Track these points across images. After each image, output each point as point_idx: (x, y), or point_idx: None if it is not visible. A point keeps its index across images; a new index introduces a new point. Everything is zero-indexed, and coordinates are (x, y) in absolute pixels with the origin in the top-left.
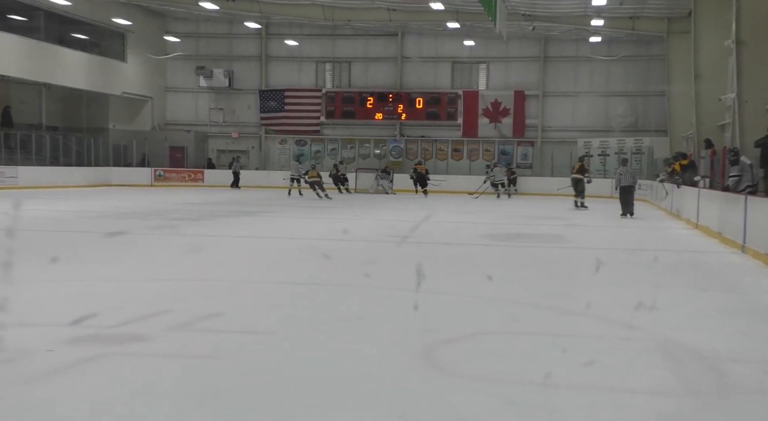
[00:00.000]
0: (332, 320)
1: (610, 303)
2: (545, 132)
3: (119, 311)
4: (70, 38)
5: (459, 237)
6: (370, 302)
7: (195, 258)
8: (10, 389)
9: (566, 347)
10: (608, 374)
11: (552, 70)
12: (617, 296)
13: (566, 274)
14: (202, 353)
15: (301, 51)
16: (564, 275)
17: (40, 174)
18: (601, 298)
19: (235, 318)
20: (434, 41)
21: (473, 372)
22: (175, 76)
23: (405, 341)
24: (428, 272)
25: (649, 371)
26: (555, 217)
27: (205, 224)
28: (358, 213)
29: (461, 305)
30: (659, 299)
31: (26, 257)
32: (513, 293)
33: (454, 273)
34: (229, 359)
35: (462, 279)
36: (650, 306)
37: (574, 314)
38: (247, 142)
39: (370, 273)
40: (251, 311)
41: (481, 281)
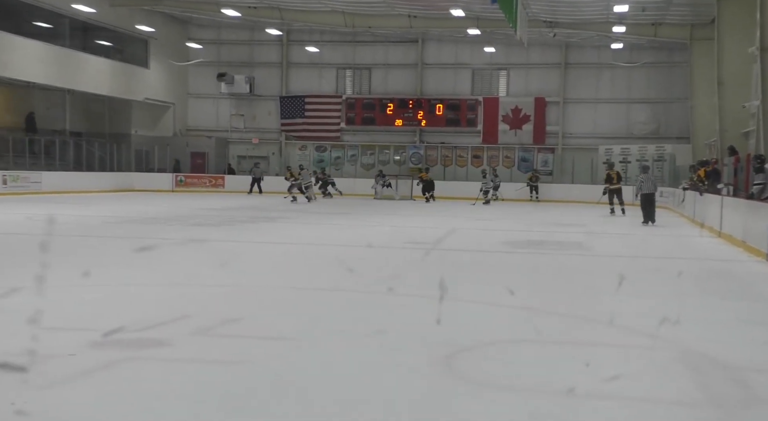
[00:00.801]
0: (352, 327)
1: (631, 312)
2: (566, 139)
3: (141, 316)
4: (93, 45)
5: (479, 244)
6: (392, 310)
7: (215, 263)
8: (32, 393)
9: (588, 357)
10: (630, 384)
11: (573, 76)
12: (639, 305)
13: (587, 282)
14: (221, 359)
15: (321, 57)
16: (585, 284)
17: (63, 179)
18: (622, 307)
19: (254, 324)
20: (454, 48)
21: (496, 382)
22: (197, 83)
23: (426, 350)
24: (449, 279)
25: (672, 381)
26: (575, 224)
27: (225, 230)
28: (378, 220)
29: (483, 314)
30: (682, 308)
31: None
32: (533, 302)
33: (475, 281)
34: (249, 365)
35: (483, 287)
36: (672, 316)
37: (596, 322)
38: (267, 148)
39: (390, 280)
40: (271, 317)
41: (502, 289)
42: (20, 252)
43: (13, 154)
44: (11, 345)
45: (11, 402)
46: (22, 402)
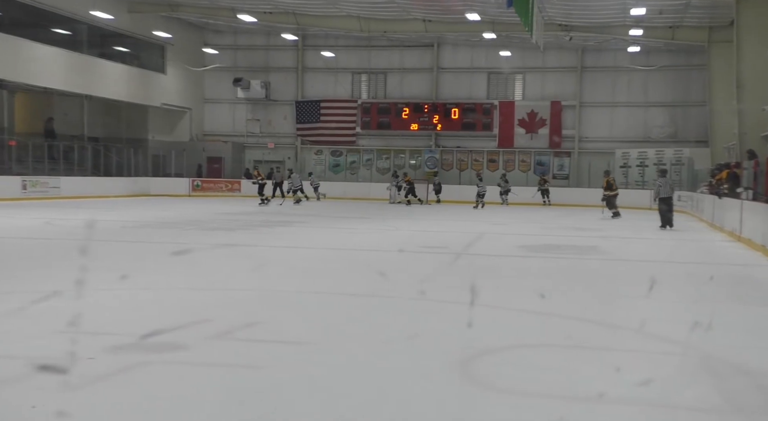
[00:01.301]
0: (372, 331)
1: (650, 317)
2: (582, 143)
3: (159, 320)
4: (111, 51)
5: (494, 248)
6: (411, 314)
7: (233, 268)
8: (50, 397)
9: (607, 362)
10: (651, 390)
11: (589, 80)
12: (657, 309)
13: (605, 287)
14: (240, 363)
15: (337, 62)
16: (603, 288)
17: (82, 184)
18: (640, 312)
19: (273, 328)
20: (470, 52)
21: (519, 387)
22: (213, 88)
23: (447, 354)
24: (467, 284)
25: (693, 387)
26: (591, 228)
27: (241, 234)
28: (395, 224)
29: (502, 318)
30: (701, 313)
31: (67, 267)
32: (551, 306)
33: (494, 285)
34: (267, 369)
35: (502, 292)
36: (692, 321)
37: (616, 327)
38: (283, 153)
39: (407, 283)
40: (290, 321)
41: (519, 293)
42: (39, 257)
43: (32, 160)
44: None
45: (32, 405)
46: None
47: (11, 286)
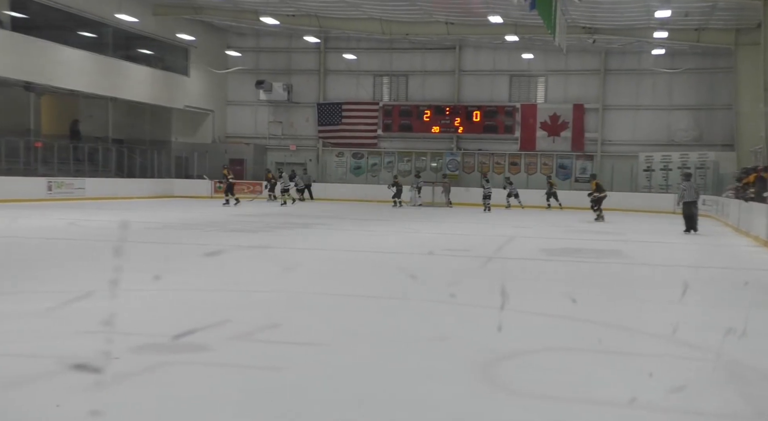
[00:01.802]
0: (393, 333)
1: (673, 322)
2: (605, 146)
3: (182, 320)
4: (136, 54)
5: (516, 251)
6: (432, 317)
7: (255, 269)
8: (74, 396)
9: (631, 367)
10: (676, 395)
11: (612, 83)
12: (681, 314)
13: (627, 291)
14: (261, 364)
15: (358, 65)
16: (625, 292)
17: (106, 186)
18: (663, 316)
19: (294, 330)
20: (492, 54)
21: (540, 391)
22: (236, 90)
23: (469, 357)
24: (488, 286)
25: (718, 393)
26: (612, 232)
27: (263, 236)
28: (415, 227)
29: (525, 322)
30: (726, 318)
31: (91, 268)
32: (574, 310)
33: (514, 289)
34: (288, 370)
35: (522, 295)
36: (717, 326)
37: (639, 332)
38: (304, 155)
39: (428, 286)
40: (310, 323)
41: (541, 297)
42: (64, 257)
43: (58, 161)
44: (53, 348)
45: (56, 404)
46: (66, 404)
47: (36, 286)
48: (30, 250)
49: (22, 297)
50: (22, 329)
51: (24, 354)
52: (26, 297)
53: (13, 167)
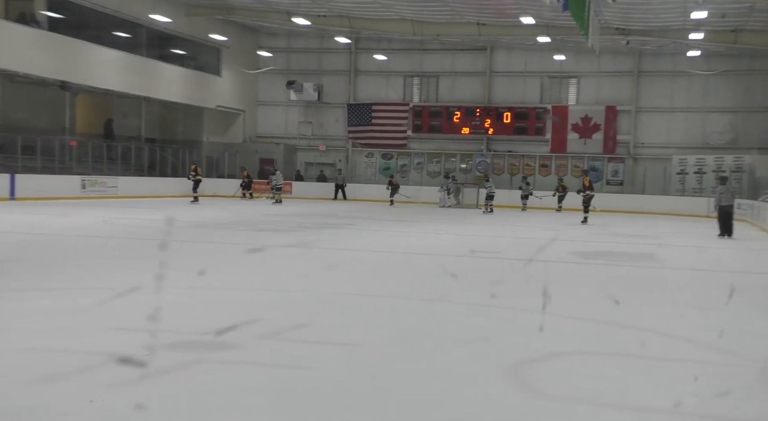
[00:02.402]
0: (423, 335)
1: (704, 326)
2: (637, 148)
3: (213, 319)
4: (169, 54)
5: (546, 254)
6: (464, 319)
7: (285, 269)
8: (106, 392)
9: (668, 373)
10: (710, 401)
11: (646, 84)
12: (717, 320)
13: (661, 295)
14: (292, 363)
15: (389, 65)
16: (659, 297)
17: (138, 184)
18: (699, 321)
19: (324, 329)
20: (524, 55)
21: (574, 396)
22: (267, 90)
23: (503, 360)
24: (520, 289)
25: (754, 400)
26: (645, 235)
27: (293, 236)
28: (445, 228)
29: (559, 325)
30: (760, 324)
31: (124, 266)
32: (608, 315)
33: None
34: (319, 370)
35: (554, 298)
36: (754, 332)
37: (674, 337)
38: (334, 155)
39: (460, 288)
40: (342, 323)
41: (573, 300)
42: (97, 255)
43: (92, 160)
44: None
45: (90, 399)
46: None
47: (72, 283)
48: (66, 247)
49: (60, 294)
50: (60, 326)
51: (62, 350)
52: (63, 294)
53: (49, 166)
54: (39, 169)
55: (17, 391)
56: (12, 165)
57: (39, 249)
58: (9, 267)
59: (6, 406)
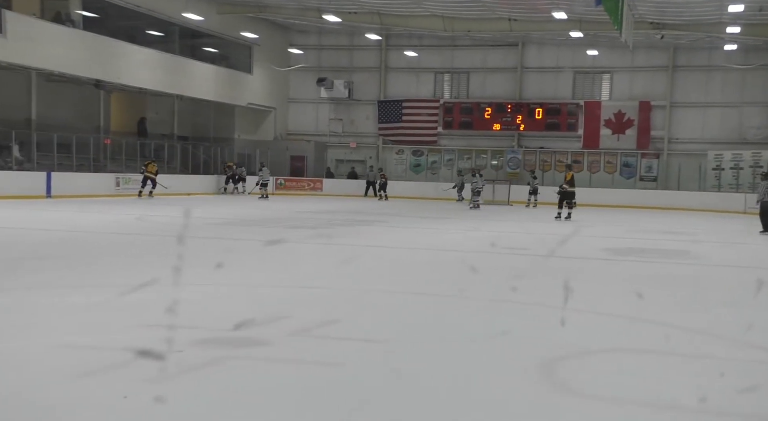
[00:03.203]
0: (453, 331)
1: (734, 322)
2: (672, 144)
3: (243, 315)
4: (201, 52)
5: (579, 250)
6: (494, 315)
7: (315, 265)
8: (137, 387)
9: (699, 370)
10: (746, 398)
11: (681, 79)
12: (743, 315)
13: (696, 292)
14: (322, 359)
15: (419, 62)
16: (694, 293)
17: (171, 181)
18: (734, 319)
19: (354, 326)
20: (555, 51)
21: (602, 392)
22: (297, 87)
23: (531, 357)
24: (551, 285)
25: None
26: (679, 232)
27: (324, 232)
28: (473, 224)
29: (590, 322)
30: None
31: (156, 262)
32: (639, 311)
33: (578, 288)
34: (349, 366)
35: (587, 295)
36: None
37: (706, 334)
38: (365, 152)
39: (489, 283)
40: (370, 319)
41: (606, 297)
42: (130, 251)
43: (125, 158)
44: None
45: (124, 395)
46: (133, 395)
47: (103, 279)
48: (99, 244)
49: (90, 290)
50: (89, 321)
51: (91, 345)
52: (93, 290)
53: (84, 164)
54: (74, 168)
55: (51, 387)
56: (48, 163)
57: (73, 246)
58: (44, 264)
59: (40, 402)
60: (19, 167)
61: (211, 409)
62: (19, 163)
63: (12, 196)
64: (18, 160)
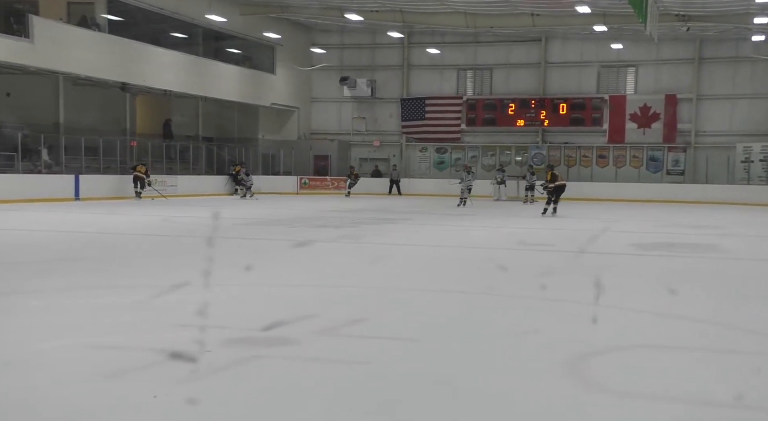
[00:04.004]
0: (481, 328)
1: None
2: (699, 137)
3: (271, 315)
4: (224, 53)
5: (606, 246)
6: (521, 312)
7: (342, 264)
8: (167, 387)
9: (732, 366)
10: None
11: (707, 71)
12: None
13: (726, 287)
14: (350, 358)
15: (442, 59)
16: (724, 288)
17: (196, 183)
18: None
19: (381, 324)
20: (579, 45)
21: (634, 389)
22: (320, 87)
23: (559, 353)
24: (578, 282)
25: None
26: (707, 226)
27: (349, 231)
28: (498, 222)
29: (618, 318)
30: None
31: (183, 263)
32: (669, 307)
33: (606, 284)
34: (376, 365)
35: (614, 290)
36: None
37: (739, 329)
38: (388, 151)
39: (517, 281)
40: (398, 318)
41: (634, 293)
42: (157, 252)
43: (151, 159)
44: (148, 341)
45: (153, 395)
46: (163, 394)
47: (132, 280)
48: (127, 246)
49: (120, 291)
50: (119, 322)
51: (122, 346)
52: (122, 291)
53: (111, 166)
54: (101, 170)
55: (83, 386)
56: (76, 166)
57: (103, 248)
58: (76, 266)
59: (72, 401)
60: (48, 171)
61: (240, 408)
62: (48, 166)
63: (42, 200)
64: (47, 163)
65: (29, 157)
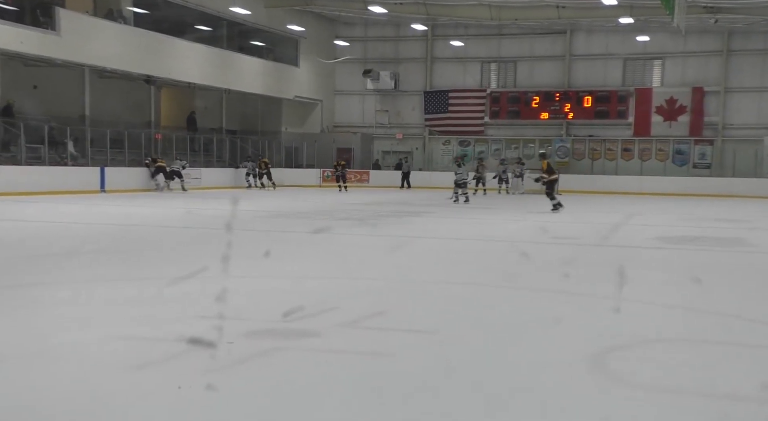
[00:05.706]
0: (500, 321)
1: None
2: (726, 130)
3: (291, 307)
4: (248, 46)
5: (630, 239)
6: (544, 305)
7: (363, 257)
8: (192, 378)
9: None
10: None
11: (735, 64)
12: None
13: (752, 281)
14: (371, 350)
15: (466, 51)
16: (750, 282)
17: (220, 175)
18: None
19: (403, 317)
20: (605, 38)
21: (657, 383)
22: (344, 80)
23: (582, 347)
24: (602, 275)
25: None
26: (734, 219)
27: (372, 224)
28: (519, 215)
29: (642, 312)
30: None
31: (205, 254)
32: (693, 301)
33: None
34: (399, 357)
35: (639, 284)
36: None
37: (757, 322)
38: (411, 143)
39: (540, 275)
40: (419, 310)
41: (658, 286)
42: (180, 244)
43: (175, 152)
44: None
45: (178, 385)
46: (186, 386)
47: (156, 271)
48: (151, 238)
49: (144, 282)
50: (143, 313)
51: (145, 337)
52: (147, 282)
53: (136, 158)
54: (126, 163)
55: (107, 377)
56: (101, 159)
57: (127, 240)
58: (100, 257)
59: (97, 392)
60: (74, 163)
61: (263, 399)
62: (74, 158)
63: (68, 192)
64: (73, 155)
65: (55, 150)
